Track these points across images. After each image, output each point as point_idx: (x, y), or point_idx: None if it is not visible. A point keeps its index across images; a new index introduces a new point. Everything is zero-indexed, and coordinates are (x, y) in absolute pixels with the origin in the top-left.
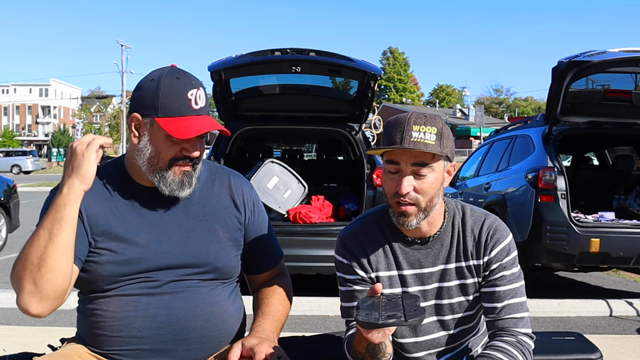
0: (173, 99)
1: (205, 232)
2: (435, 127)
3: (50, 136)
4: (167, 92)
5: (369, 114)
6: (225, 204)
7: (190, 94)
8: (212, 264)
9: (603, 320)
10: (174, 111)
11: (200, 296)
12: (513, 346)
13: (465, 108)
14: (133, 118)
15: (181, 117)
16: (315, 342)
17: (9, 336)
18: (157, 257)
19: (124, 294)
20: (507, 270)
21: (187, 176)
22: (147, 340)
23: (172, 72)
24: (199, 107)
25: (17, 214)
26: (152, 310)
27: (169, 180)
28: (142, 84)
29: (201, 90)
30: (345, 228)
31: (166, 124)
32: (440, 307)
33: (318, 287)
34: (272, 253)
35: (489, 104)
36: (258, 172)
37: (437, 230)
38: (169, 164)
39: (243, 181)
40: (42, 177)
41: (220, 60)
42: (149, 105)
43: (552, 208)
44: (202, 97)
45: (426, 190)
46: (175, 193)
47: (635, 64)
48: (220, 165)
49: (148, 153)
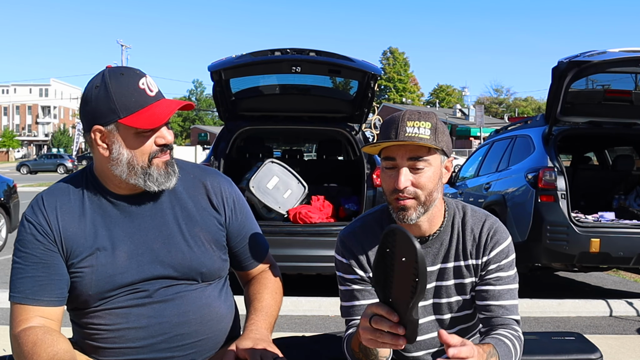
0: (128, 95)
1: (186, 237)
2: (429, 122)
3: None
4: (118, 92)
5: (369, 114)
6: (203, 206)
7: (141, 83)
8: (197, 269)
9: (603, 320)
10: (133, 106)
11: (190, 300)
12: (517, 339)
13: (465, 108)
14: (95, 131)
15: (143, 109)
16: (315, 342)
17: (8, 336)
18: (141, 269)
19: (113, 307)
20: (504, 272)
21: (170, 165)
22: (143, 350)
23: (113, 72)
24: (154, 93)
25: (17, 214)
26: (144, 320)
27: (155, 175)
28: (88, 96)
29: (148, 77)
30: (345, 228)
31: (132, 120)
32: (439, 306)
33: (318, 287)
34: (258, 248)
35: (489, 104)
36: (258, 172)
37: (436, 229)
38: (149, 160)
39: (221, 178)
40: (42, 177)
41: (220, 60)
42: (107, 112)
43: (552, 208)
44: (153, 83)
45: (424, 184)
46: (164, 186)
47: (635, 64)
48: (195, 165)
49: (125, 158)
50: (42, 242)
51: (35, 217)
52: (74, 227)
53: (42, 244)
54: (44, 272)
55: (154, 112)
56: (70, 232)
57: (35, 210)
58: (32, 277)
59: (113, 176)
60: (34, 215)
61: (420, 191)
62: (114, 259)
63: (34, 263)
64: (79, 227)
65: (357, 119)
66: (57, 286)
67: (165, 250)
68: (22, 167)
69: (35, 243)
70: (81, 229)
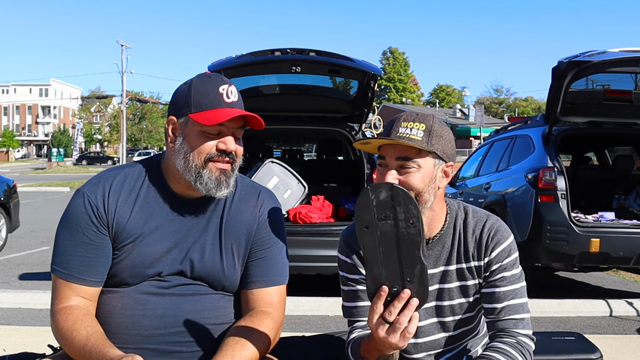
0: (205, 95)
1: (222, 249)
2: (424, 124)
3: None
4: (199, 90)
5: (369, 114)
6: (244, 221)
7: (221, 88)
8: (221, 282)
9: (603, 320)
10: (206, 105)
11: (208, 301)
12: (512, 347)
13: (465, 108)
14: (170, 121)
15: (213, 109)
16: (315, 342)
17: (9, 336)
18: (172, 266)
19: (134, 291)
20: (507, 272)
21: (224, 175)
22: (153, 340)
23: (203, 74)
24: (230, 101)
25: (17, 214)
26: (160, 310)
27: (205, 178)
28: (177, 90)
29: (233, 86)
30: (348, 227)
31: (198, 116)
32: (441, 308)
33: (318, 287)
34: (267, 272)
35: (489, 104)
36: (258, 172)
37: (438, 232)
38: (205, 161)
39: (268, 198)
40: (42, 177)
41: (220, 60)
42: (183, 105)
43: (552, 208)
44: (235, 93)
45: (411, 184)
46: (212, 192)
47: (635, 64)
48: (251, 181)
49: (184, 152)
50: (96, 225)
51: (94, 198)
52: (126, 213)
53: (95, 226)
54: (93, 254)
55: (219, 114)
56: (122, 218)
57: (97, 190)
58: (81, 256)
59: (174, 168)
60: (93, 195)
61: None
62: (152, 252)
63: (85, 243)
64: (131, 214)
65: (357, 119)
66: (103, 268)
67: (198, 256)
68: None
69: (89, 224)
70: (133, 217)
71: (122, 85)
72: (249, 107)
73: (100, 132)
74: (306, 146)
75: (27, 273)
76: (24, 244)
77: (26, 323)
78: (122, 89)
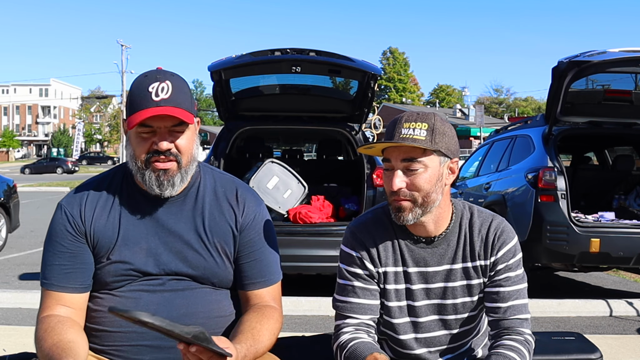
0: (136, 95)
1: (206, 246)
2: (426, 123)
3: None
4: (132, 91)
5: (369, 114)
6: (226, 218)
7: (151, 87)
8: (209, 278)
9: (603, 320)
10: (136, 106)
11: (200, 295)
12: (522, 344)
13: (465, 108)
14: (123, 122)
15: (140, 110)
16: (315, 342)
17: (9, 336)
18: (157, 266)
19: (124, 291)
20: (512, 272)
21: (166, 174)
22: (148, 336)
23: (143, 74)
24: (160, 99)
25: (17, 214)
26: (153, 307)
27: (147, 178)
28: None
29: (165, 83)
30: (355, 219)
31: (130, 119)
32: (444, 306)
33: (318, 287)
34: (262, 273)
35: (489, 104)
36: (258, 172)
37: (443, 231)
38: (145, 162)
39: (249, 194)
40: (42, 177)
41: (220, 60)
42: (126, 107)
43: (552, 208)
44: (166, 89)
45: (419, 185)
46: (157, 192)
47: (635, 64)
48: (228, 176)
49: (129, 154)
50: (72, 234)
51: (70, 208)
52: (103, 220)
53: (71, 235)
54: (70, 262)
55: (140, 114)
56: (99, 225)
57: (73, 201)
58: (59, 265)
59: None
60: (69, 206)
61: (416, 193)
62: (134, 254)
63: (61, 252)
64: (107, 220)
65: (357, 119)
66: (82, 275)
67: (182, 254)
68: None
69: (65, 233)
70: (109, 223)
71: (122, 85)
72: (249, 107)
73: (100, 132)
74: (306, 146)
75: (27, 273)
76: (24, 244)
77: (26, 323)
78: (122, 89)
